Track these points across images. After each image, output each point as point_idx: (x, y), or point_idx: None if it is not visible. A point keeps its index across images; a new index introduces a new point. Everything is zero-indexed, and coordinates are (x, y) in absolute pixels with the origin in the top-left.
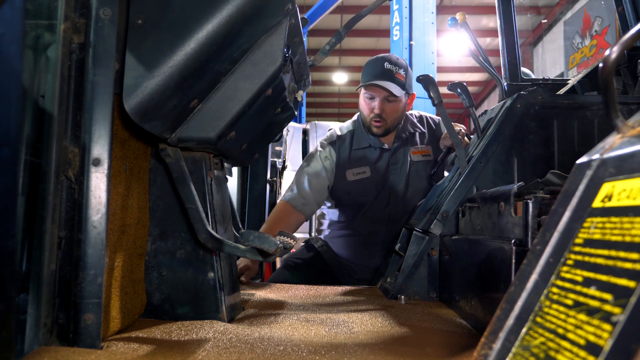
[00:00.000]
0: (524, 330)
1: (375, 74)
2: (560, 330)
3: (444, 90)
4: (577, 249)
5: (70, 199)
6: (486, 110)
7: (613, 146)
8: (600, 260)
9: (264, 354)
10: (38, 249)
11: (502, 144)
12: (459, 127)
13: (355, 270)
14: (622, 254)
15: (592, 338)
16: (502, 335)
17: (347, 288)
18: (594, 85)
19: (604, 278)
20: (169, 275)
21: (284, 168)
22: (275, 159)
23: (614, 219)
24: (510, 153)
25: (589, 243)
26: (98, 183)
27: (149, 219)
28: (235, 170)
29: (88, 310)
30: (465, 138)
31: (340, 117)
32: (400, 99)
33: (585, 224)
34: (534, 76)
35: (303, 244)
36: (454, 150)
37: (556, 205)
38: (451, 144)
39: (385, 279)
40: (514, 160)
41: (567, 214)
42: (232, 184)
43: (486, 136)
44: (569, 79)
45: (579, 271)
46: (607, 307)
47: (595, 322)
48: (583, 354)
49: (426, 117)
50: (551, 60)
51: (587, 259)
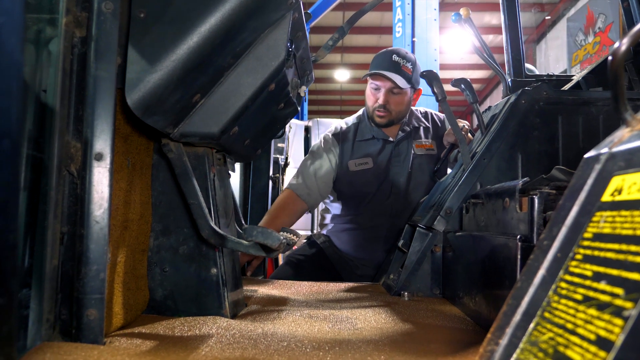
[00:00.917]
0: (532, 325)
1: (382, 65)
2: (570, 326)
3: (447, 86)
4: (586, 243)
5: (73, 194)
6: (490, 107)
7: (622, 140)
8: (610, 255)
9: (268, 350)
10: (40, 244)
11: (506, 140)
12: (463, 123)
13: (357, 266)
14: (634, 248)
15: (603, 333)
16: (509, 331)
17: (350, 284)
18: (598, 81)
19: (615, 272)
20: (171, 271)
21: (286, 165)
22: (278, 156)
23: (624, 213)
24: (515, 149)
25: (599, 237)
26: (100, 178)
27: (151, 215)
28: (237, 166)
29: (91, 306)
30: (469, 134)
31: (342, 115)
32: (406, 91)
33: (595, 218)
34: (538, 72)
35: (305, 241)
36: (457, 147)
37: (564, 199)
38: (455, 140)
39: (388, 275)
40: (518, 156)
41: (575, 209)
42: (235, 180)
43: (490, 132)
44: (573, 75)
45: (588, 266)
46: (618, 302)
47: (606, 317)
48: (593, 349)
49: (431, 114)
50: (554, 57)
51: (597, 253)
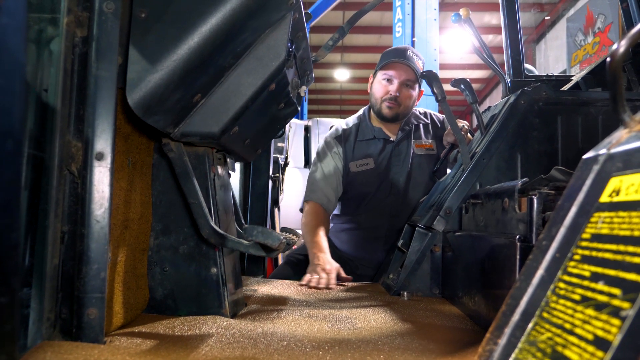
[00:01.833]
0: (530, 325)
1: (398, 57)
2: (568, 325)
3: (447, 86)
4: (584, 243)
5: (73, 193)
6: (489, 107)
7: (620, 141)
8: (608, 255)
9: (267, 349)
10: (41, 243)
11: (506, 140)
12: (462, 124)
13: (357, 266)
14: (631, 249)
15: (601, 333)
16: (508, 330)
17: (350, 284)
18: (598, 81)
19: (613, 273)
20: (171, 271)
21: (286, 164)
22: (278, 155)
23: (622, 214)
24: (514, 149)
25: (597, 238)
26: (101, 177)
27: (151, 214)
28: (237, 165)
29: (91, 305)
30: (469, 134)
31: (342, 114)
32: (415, 87)
33: (593, 219)
34: (537, 73)
35: None
36: (457, 147)
37: (562, 200)
38: (454, 140)
39: (387, 275)
40: (517, 156)
41: (574, 209)
42: (235, 179)
43: (489, 132)
44: (572, 76)
45: (586, 266)
46: (616, 302)
47: (604, 317)
48: (591, 348)
49: (430, 114)
50: (554, 57)
51: (595, 253)
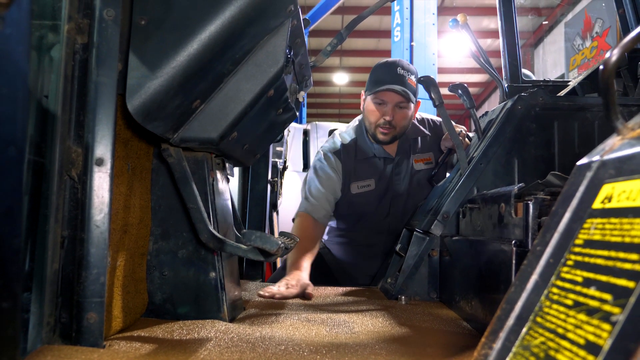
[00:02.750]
0: (524, 330)
1: (387, 79)
2: (560, 330)
3: (444, 91)
4: (577, 249)
5: (74, 198)
6: (487, 112)
7: (613, 148)
8: (600, 261)
9: (265, 354)
10: (41, 248)
11: (503, 145)
12: (460, 128)
13: (355, 276)
14: (622, 255)
15: (592, 338)
16: (503, 335)
17: (348, 289)
18: (594, 86)
19: (604, 278)
20: (170, 275)
21: (285, 168)
22: (277, 160)
23: (613, 220)
24: (511, 154)
25: (589, 244)
26: (101, 183)
27: (151, 219)
28: (236, 170)
29: (91, 309)
30: (466, 139)
31: (341, 118)
32: (410, 106)
33: (586, 225)
34: (534, 77)
35: None
36: (454, 152)
37: (556, 206)
38: (452, 145)
39: (385, 279)
40: (514, 161)
41: (567, 215)
42: (234, 184)
43: (487, 137)
44: (569, 81)
45: (579, 271)
46: (607, 307)
47: (595, 322)
48: (583, 353)
49: (427, 120)
50: (552, 61)
51: (587, 259)
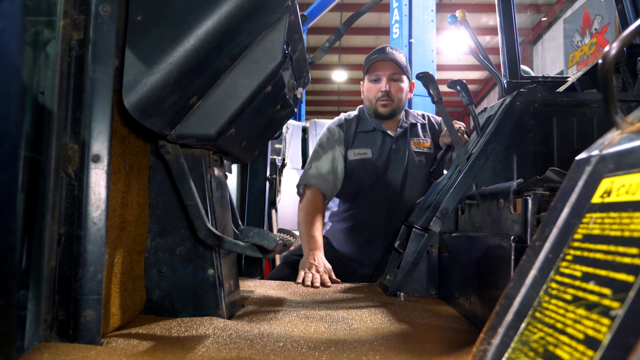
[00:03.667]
0: (523, 325)
1: (379, 57)
2: (559, 325)
3: (443, 88)
4: (576, 244)
5: (70, 195)
6: (486, 108)
7: (612, 142)
8: (599, 256)
9: (264, 350)
10: (38, 245)
11: (502, 141)
12: (459, 125)
13: (356, 267)
14: (621, 249)
15: (591, 332)
16: (501, 330)
17: (347, 285)
18: (593, 82)
19: (603, 273)
20: (168, 272)
21: (283, 166)
22: (275, 157)
23: (612, 214)
24: (510, 150)
25: (588, 238)
26: (98, 180)
27: (148, 216)
28: (234, 167)
29: (88, 307)
30: (465, 135)
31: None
32: (404, 80)
33: (585, 220)
34: (533, 74)
35: None
36: (453, 148)
37: (555, 201)
38: (451, 141)
39: (384, 276)
40: (513, 157)
41: (566, 210)
42: (232, 181)
43: (486, 134)
44: (568, 77)
45: (578, 266)
46: (606, 302)
47: (594, 317)
48: (582, 348)
49: (428, 116)
50: (551, 58)
51: (586, 254)
